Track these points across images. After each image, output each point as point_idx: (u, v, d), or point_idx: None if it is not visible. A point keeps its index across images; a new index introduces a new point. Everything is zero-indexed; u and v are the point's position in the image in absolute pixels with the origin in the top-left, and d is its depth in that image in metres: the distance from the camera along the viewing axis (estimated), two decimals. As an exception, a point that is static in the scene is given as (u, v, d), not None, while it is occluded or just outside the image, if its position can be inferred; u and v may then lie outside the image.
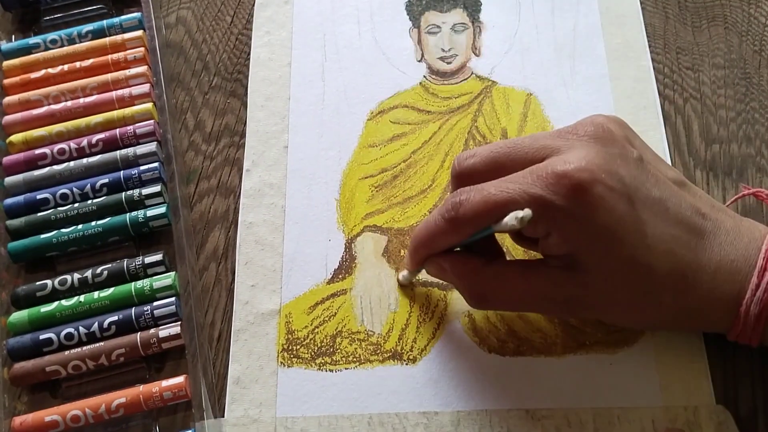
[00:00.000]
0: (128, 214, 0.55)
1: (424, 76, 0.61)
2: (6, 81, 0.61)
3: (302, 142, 0.59)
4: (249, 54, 0.63)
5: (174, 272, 0.53)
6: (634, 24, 0.63)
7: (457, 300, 0.53)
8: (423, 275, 0.53)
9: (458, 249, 0.48)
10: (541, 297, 0.46)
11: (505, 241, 0.53)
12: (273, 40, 0.64)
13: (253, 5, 0.65)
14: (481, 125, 0.59)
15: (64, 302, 0.52)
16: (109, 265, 0.53)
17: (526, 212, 0.40)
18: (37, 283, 0.53)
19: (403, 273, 0.52)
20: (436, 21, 0.64)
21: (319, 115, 0.60)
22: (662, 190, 0.44)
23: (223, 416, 0.50)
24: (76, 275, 0.53)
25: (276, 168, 0.58)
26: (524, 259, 0.52)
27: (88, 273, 0.53)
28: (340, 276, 0.54)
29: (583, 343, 0.50)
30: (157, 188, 0.56)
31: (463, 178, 0.46)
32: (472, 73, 0.62)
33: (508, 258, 0.52)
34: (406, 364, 0.51)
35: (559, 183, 0.41)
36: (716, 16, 0.63)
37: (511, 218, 0.40)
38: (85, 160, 0.57)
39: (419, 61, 0.62)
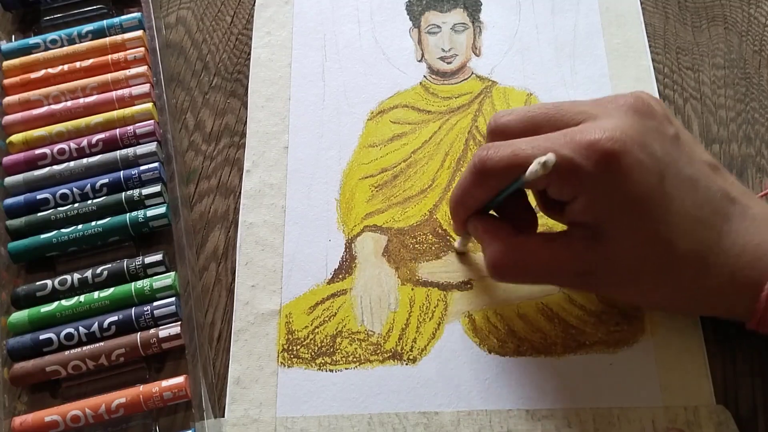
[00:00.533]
0: (128, 214, 0.55)
1: (424, 76, 0.62)
2: (6, 81, 0.61)
3: (302, 142, 0.59)
4: (249, 54, 0.63)
5: (174, 272, 0.53)
6: (635, 23, 0.63)
7: (457, 300, 0.53)
8: (425, 275, 0.54)
9: (494, 215, 0.49)
10: (560, 269, 0.46)
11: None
12: (273, 40, 0.64)
13: (254, 5, 0.65)
14: (481, 125, 0.59)
15: (64, 302, 0.52)
16: (109, 265, 0.53)
17: (549, 156, 0.40)
18: (37, 283, 0.53)
19: (458, 241, 0.53)
20: (437, 21, 0.64)
21: (320, 116, 0.60)
22: (694, 170, 0.44)
23: (224, 416, 0.50)
24: (76, 275, 0.53)
25: (276, 168, 0.58)
26: (548, 232, 0.52)
27: (88, 273, 0.53)
28: (340, 276, 0.54)
29: (583, 343, 0.50)
30: (157, 188, 0.56)
31: (497, 134, 0.47)
32: (473, 73, 0.62)
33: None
34: (406, 364, 0.51)
35: (591, 148, 0.42)
36: (716, 16, 0.63)
37: (535, 164, 0.40)
38: (85, 160, 0.57)
39: (419, 61, 0.62)
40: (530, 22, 0.64)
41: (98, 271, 0.53)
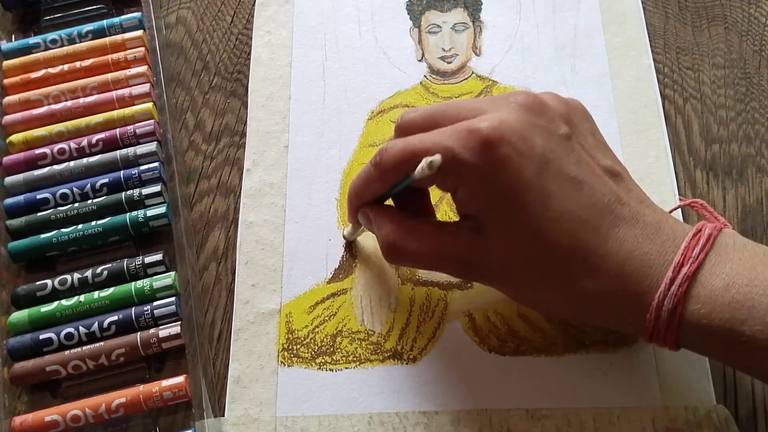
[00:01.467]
0: (128, 213, 0.55)
1: (425, 76, 0.62)
2: (6, 81, 0.61)
3: (303, 141, 0.59)
4: (249, 54, 0.63)
5: (174, 272, 0.53)
6: (635, 22, 0.63)
7: (457, 299, 0.53)
8: (425, 275, 0.54)
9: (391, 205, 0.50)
10: (448, 256, 0.46)
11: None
12: (273, 39, 0.64)
13: (254, 5, 0.66)
14: (481, 125, 0.59)
15: (64, 302, 0.52)
16: (109, 265, 0.54)
17: (436, 158, 0.40)
18: (37, 282, 0.53)
19: (347, 228, 0.54)
20: (437, 20, 0.64)
21: (320, 115, 0.60)
22: (581, 170, 0.43)
23: (224, 416, 0.50)
24: (76, 275, 0.53)
25: (276, 167, 0.58)
26: (442, 220, 0.52)
27: (88, 273, 0.53)
28: (341, 275, 0.54)
29: (583, 342, 0.50)
30: (157, 188, 0.56)
31: (402, 130, 0.48)
32: (473, 72, 0.62)
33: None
34: (407, 363, 0.51)
35: (469, 137, 0.42)
36: (716, 16, 0.63)
37: (423, 163, 0.41)
38: (85, 160, 0.57)
39: (420, 60, 0.62)
40: (531, 21, 0.64)
41: (98, 270, 0.53)
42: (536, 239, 0.43)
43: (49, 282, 0.53)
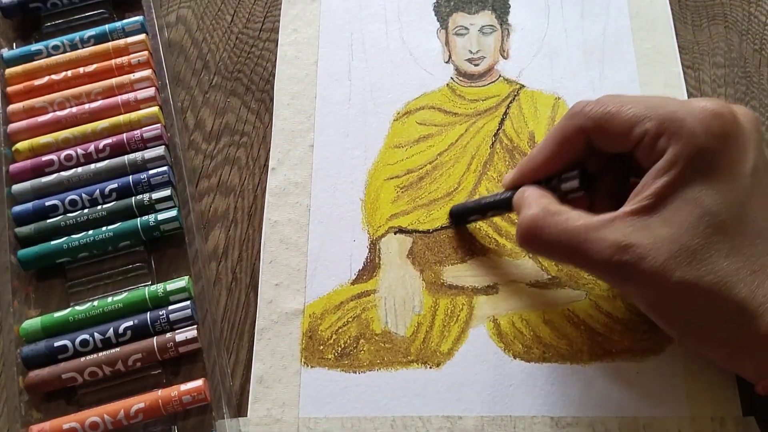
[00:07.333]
0: (139, 218, 0.65)
1: (452, 78, 0.73)
2: (9, 89, 0.72)
3: (328, 141, 0.70)
4: (249, 53, 0.75)
5: (188, 276, 0.63)
6: (665, 29, 0.74)
7: (482, 304, 0.63)
8: (449, 279, 0.64)
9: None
10: (595, 238, 0.50)
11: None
12: (300, 38, 0.76)
13: (254, 4, 0.78)
14: (508, 129, 0.70)
15: (77, 307, 0.62)
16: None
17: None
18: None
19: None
20: (464, 22, 0.76)
21: (345, 115, 0.71)
22: None
23: (246, 415, 0.59)
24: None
25: (301, 167, 0.69)
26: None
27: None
28: (365, 277, 0.64)
29: (610, 350, 0.60)
30: (167, 192, 0.66)
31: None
32: (500, 75, 0.73)
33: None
34: (430, 367, 0.60)
35: (700, 111, 0.49)
36: (716, 15, 0.75)
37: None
38: (92, 166, 0.68)
39: (446, 62, 0.74)
40: (559, 25, 0.75)
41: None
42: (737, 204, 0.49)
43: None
